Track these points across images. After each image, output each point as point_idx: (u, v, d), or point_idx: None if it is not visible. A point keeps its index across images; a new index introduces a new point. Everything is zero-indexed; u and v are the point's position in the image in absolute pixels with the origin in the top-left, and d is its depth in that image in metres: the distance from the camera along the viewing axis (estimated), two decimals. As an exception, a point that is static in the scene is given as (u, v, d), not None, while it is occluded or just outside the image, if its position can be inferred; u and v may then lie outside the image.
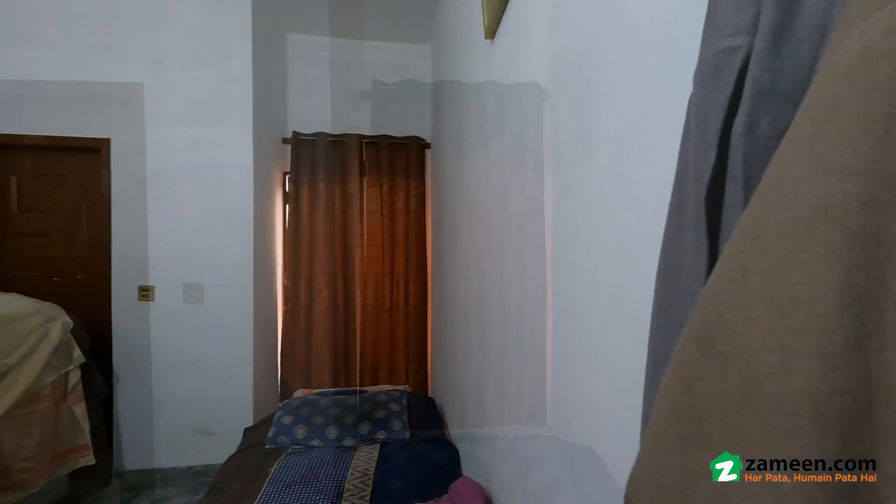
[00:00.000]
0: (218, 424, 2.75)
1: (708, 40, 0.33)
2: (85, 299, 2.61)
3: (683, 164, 0.35)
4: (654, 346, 0.38)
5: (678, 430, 0.29)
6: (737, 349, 0.25)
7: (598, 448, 0.75)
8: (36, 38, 2.54)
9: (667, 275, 0.37)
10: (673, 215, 0.37)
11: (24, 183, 2.62)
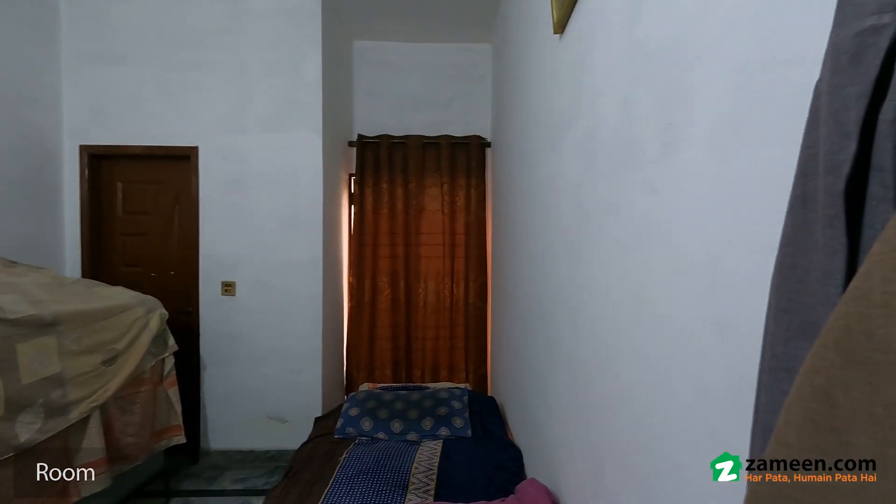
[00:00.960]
0: (291, 412, 2.92)
1: (844, 20, 0.30)
2: (177, 293, 2.88)
3: (811, 155, 0.33)
4: (773, 350, 0.35)
5: (814, 441, 0.27)
6: (893, 357, 0.23)
7: (685, 455, 0.71)
8: (135, 57, 2.83)
9: (788, 275, 0.34)
10: (796, 211, 0.34)
11: (128, 188, 2.94)
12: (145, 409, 2.23)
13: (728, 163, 0.61)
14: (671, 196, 0.76)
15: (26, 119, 2.59)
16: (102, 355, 1.99)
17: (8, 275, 1.95)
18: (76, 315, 1.89)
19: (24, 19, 2.57)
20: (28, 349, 1.66)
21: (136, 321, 2.21)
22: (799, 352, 0.33)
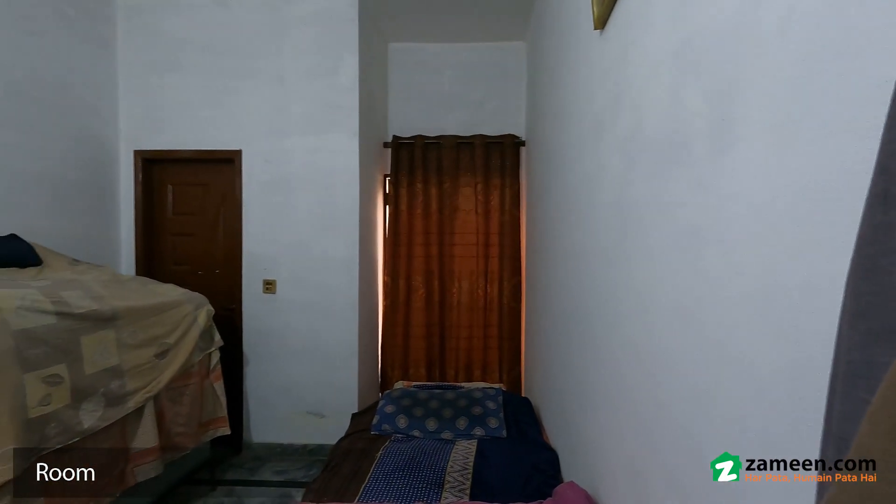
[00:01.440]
0: (328, 408, 2.99)
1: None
2: (222, 290, 3.00)
3: (893, 151, 0.31)
4: (849, 356, 0.33)
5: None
6: None
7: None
8: (183, 67, 2.98)
9: (867, 277, 0.32)
10: (874, 210, 0.32)
11: (177, 191, 3.09)
12: (193, 401, 2.34)
13: (789, 159, 0.59)
14: (725, 195, 0.73)
15: (88, 127, 2.77)
16: (155, 349, 2.10)
17: (72, 272, 2.09)
18: (132, 311, 2.00)
19: (86, 36, 2.75)
20: (91, 342, 1.78)
21: (186, 317, 2.32)
22: (879, 357, 0.32)
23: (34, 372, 1.54)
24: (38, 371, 1.56)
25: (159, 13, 2.98)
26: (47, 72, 2.51)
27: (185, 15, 2.97)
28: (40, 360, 1.57)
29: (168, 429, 2.17)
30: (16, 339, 1.50)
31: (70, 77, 2.64)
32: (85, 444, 1.72)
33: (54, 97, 2.55)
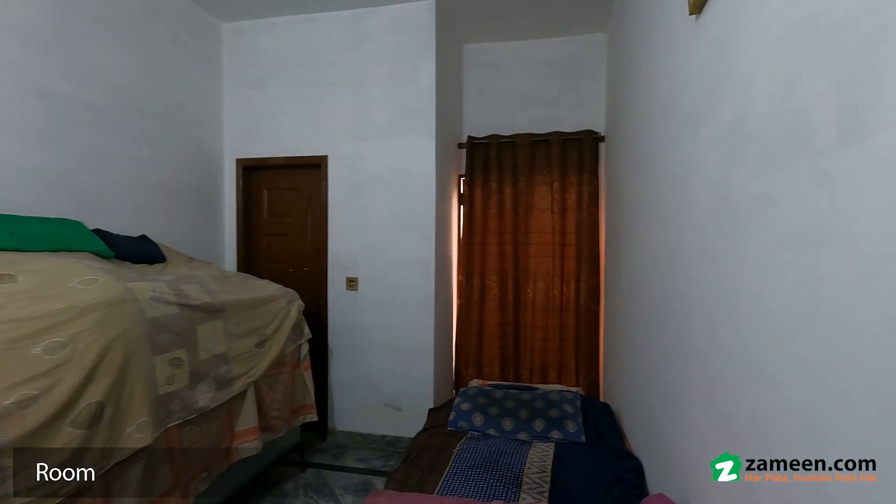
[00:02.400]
0: (405, 402, 3.10)
1: None
2: (310, 287, 3.23)
3: None
4: None
5: None
6: None
7: (862, 491, 0.61)
8: (276, 80, 3.24)
9: None
10: None
11: (272, 195, 3.37)
12: (286, 388, 2.54)
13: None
14: (854, 189, 0.65)
15: (198, 140, 3.12)
16: (255, 339, 2.31)
17: (189, 268, 2.37)
18: (237, 304, 2.22)
19: (197, 58, 3.10)
20: (204, 330, 2.00)
21: (280, 311, 2.52)
22: None
23: (162, 355, 1.77)
24: (164, 354, 1.78)
25: (256, 33, 3.27)
26: (167, 92, 2.86)
27: (277, 33, 3.23)
28: (166, 344, 1.80)
29: (265, 412, 2.38)
30: (149, 326, 1.73)
31: (184, 96, 2.99)
32: (200, 421, 1.94)
33: (172, 114, 2.90)
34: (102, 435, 1.51)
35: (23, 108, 2.11)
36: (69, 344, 1.47)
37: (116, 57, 2.54)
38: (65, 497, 1.38)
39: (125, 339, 1.62)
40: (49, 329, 1.45)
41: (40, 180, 2.18)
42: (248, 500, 2.48)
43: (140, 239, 2.40)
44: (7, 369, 1.32)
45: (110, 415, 1.54)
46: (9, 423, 1.26)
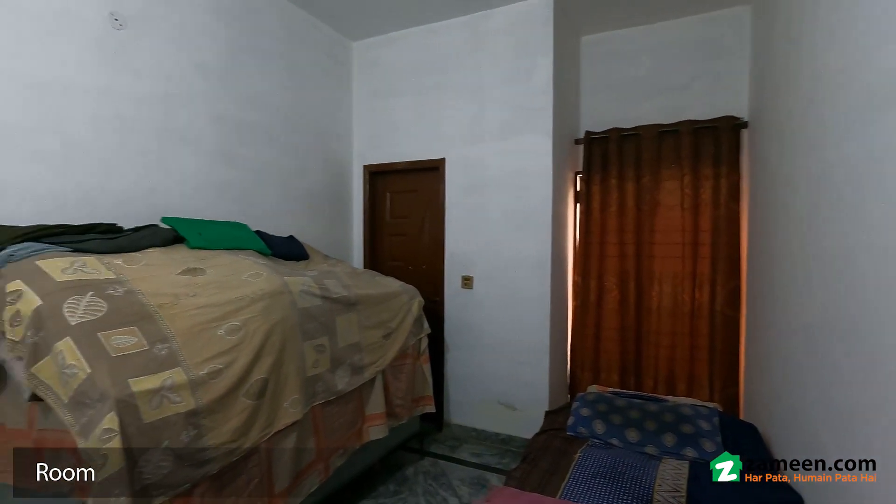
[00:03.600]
0: (519, 401, 3.09)
1: None
2: (427, 284, 3.39)
3: None
4: None
5: None
6: None
7: None
8: (397, 90, 3.45)
9: None
10: None
11: (394, 197, 3.62)
12: (408, 378, 2.70)
13: None
14: None
15: (331, 149, 3.46)
16: (382, 331, 2.50)
17: (327, 265, 2.65)
18: (368, 298, 2.43)
19: (332, 75, 3.45)
20: (342, 321, 2.22)
21: (403, 306, 2.69)
22: None
23: (309, 341, 2.01)
24: (311, 341, 2.02)
25: (380, 48, 3.53)
26: (309, 109, 3.23)
27: (399, 46, 3.45)
28: (313, 332, 2.04)
29: (391, 400, 2.55)
30: (300, 315, 1.97)
31: (322, 111, 3.35)
32: (338, 402, 2.16)
33: (313, 128, 3.27)
34: (266, 407, 1.76)
35: (204, 131, 2.55)
36: (243, 327, 1.74)
37: (271, 83, 2.94)
38: (240, 457, 1.64)
39: (283, 326, 1.87)
40: (229, 314, 1.73)
41: (215, 190, 2.62)
42: (375, 479, 2.69)
43: (289, 239, 2.75)
44: (201, 346, 1.61)
45: (272, 390, 1.79)
46: (203, 390, 1.54)
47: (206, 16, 2.52)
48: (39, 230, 1.73)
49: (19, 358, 1.43)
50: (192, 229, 2.14)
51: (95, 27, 2.05)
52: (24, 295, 1.45)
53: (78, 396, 1.34)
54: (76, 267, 1.59)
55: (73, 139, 1.99)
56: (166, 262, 1.86)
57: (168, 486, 1.41)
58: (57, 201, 1.94)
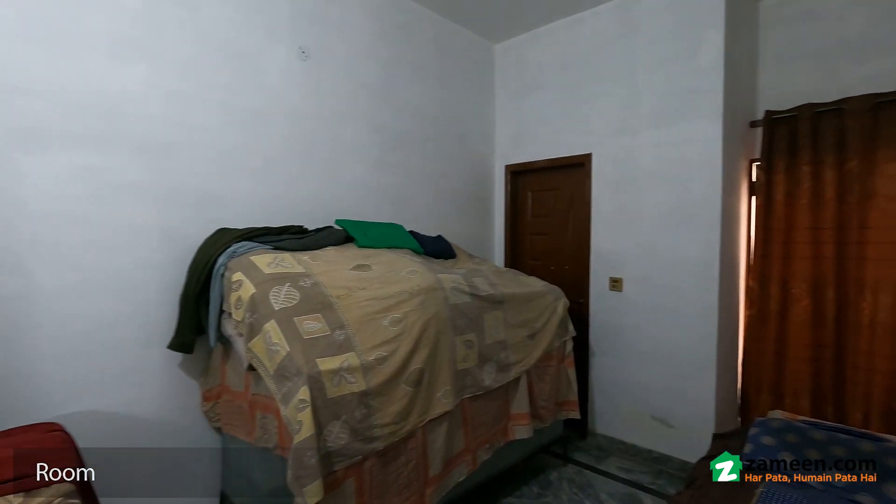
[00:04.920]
0: (676, 418, 2.78)
1: None
2: (570, 285, 3.26)
3: None
4: None
5: None
6: None
7: None
8: (540, 87, 3.39)
9: None
10: None
11: (535, 196, 3.57)
12: (552, 381, 2.63)
13: None
14: None
15: (475, 151, 3.57)
16: (527, 330, 2.48)
17: (474, 264, 2.74)
18: (513, 297, 2.43)
19: (475, 80, 3.55)
20: (489, 319, 2.27)
21: (548, 306, 2.64)
22: None
23: (460, 336, 2.09)
24: (461, 336, 2.10)
25: (523, 47, 3.51)
26: (454, 115, 3.38)
27: (543, 43, 3.38)
28: (462, 328, 2.12)
29: (535, 401, 2.52)
30: (451, 311, 2.07)
31: (466, 115, 3.47)
32: (485, 397, 2.20)
33: (458, 132, 3.41)
34: (422, 395, 1.88)
35: (365, 141, 2.84)
36: (403, 319, 1.89)
37: (421, 93, 3.15)
38: (401, 438, 1.78)
39: (437, 320, 1.98)
40: (392, 307, 1.90)
41: (374, 194, 2.90)
42: (518, 478, 2.69)
43: (438, 238, 2.91)
44: (369, 334, 1.79)
45: (427, 380, 1.91)
46: (371, 374, 1.71)
47: (369, 40, 2.82)
48: (250, 232, 2.12)
49: (240, 334, 1.78)
50: (360, 230, 2.40)
51: (288, 61, 2.44)
52: (244, 284, 1.79)
53: (280, 370, 1.60)
54: (277, 262, 1.91)
55: (270, 156, 2.40)
56: (341, 259, 2.12)
57: (345, 455, 1.60)
58: (258, 208, 2.36)
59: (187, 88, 2.09)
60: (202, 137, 2.14)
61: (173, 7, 2.04)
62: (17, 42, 1.66)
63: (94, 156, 1.84)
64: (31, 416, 1.68)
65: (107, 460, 1.66)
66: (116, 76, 1.88)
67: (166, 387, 2.06)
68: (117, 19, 1.88)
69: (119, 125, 1.90)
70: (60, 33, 1.75)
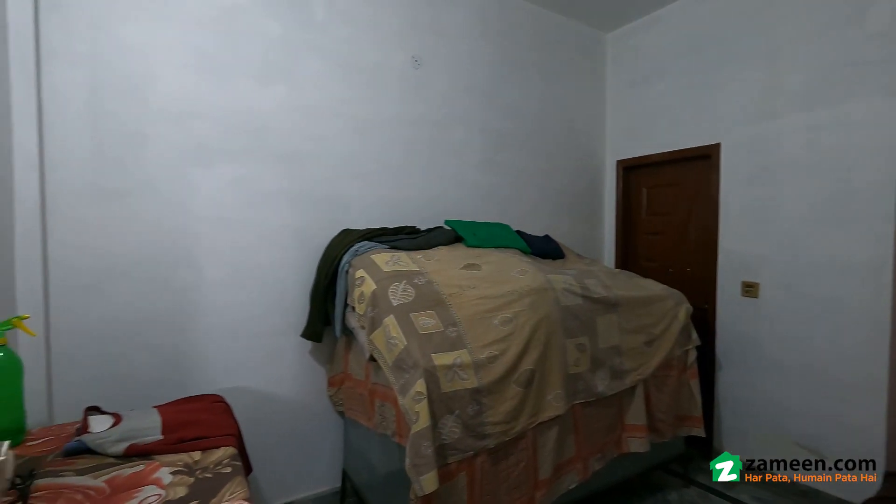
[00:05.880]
0: (831, 448, 2.38)
1: None
2: (693, 289, 2.96)
3: None
4: None
5: None
6: None
7: None
8: (658, 75, 3.14)
9: None
10: None
11: (650, 193, 3.32)
12: (672, 393, 2.42)
13: None
14: None
15: (582, 147, 3.42)
16: (644, 337, 2.31)
17: (584, 264, 2.63)
18: (629, 300, 2.29)
19: (584, 73, 3.41)
20: (602, 322, 2.16)
21: (668, 311, 2.43)
22: None
23: (571, 339, 2.03)
24: (573, 339, 2.03)
25: (638, 34, 3.28)
26: (561, 112, 3.29)
27: (661, 27, 3.13)
28: (574, 330, 2.05)
29: (652, 413, 2.34)
30: (562, 313, 2.01)
31: (574, 111, 3.35)
32: (597, 405, 2.10)
33: (565, 130, 3.31)
34: (532, 396, 1.86)
35: (472, 143, 2.89)
36: (514, 319, 1.89)
37: (526, 91, 3.11)
38: (511, 438, 1.78)
39: (547, 321, 1.94)
40: (502, 306, 1.90)
41: (481, 194, 2.93)
42: (632, 494, 2.52)
43: (545, 238, 2.85)
44: (480, 332, 1.82)
45: (538, 381, 1.88)
46: (483, 372, 1.74)
47: (475, 42, 2.86)
48: (369, 232, 2.28)
49: (362, 327, 1.92)
50: (468, 230, 2.45)
51: (401, 71, 2.58)
52: (366, 281, 1.94)
53: (398, 362, 1.70)
54: (394, 260, 2.03)
55: (386, 161, 2.55)
56: (451, 258, 2.18)
57: (457, 449, 1.64)
58: (376, 209, 2.53)
59: (315, 103, 2.31)
60: (327, 146, 2.36)
61: (305, 31, 2.27)
62: (191, 74, 2.00)
63: (244, 167, 2.13)
64: (198, 389, 2.01)
65: (251, 430, 1.91)
66: (261, 97, 2.16)
67: (299, 371, 2.31)
68: (263, 46, 2.16)
69: (262, 140, 2.17)
70: (221, 64, 2.06)
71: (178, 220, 1.99)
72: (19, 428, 1.33)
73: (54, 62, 1.74)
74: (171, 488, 1.08)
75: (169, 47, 1.95)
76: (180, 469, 1.18)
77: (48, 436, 1.40)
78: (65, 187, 1.78)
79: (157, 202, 1.94)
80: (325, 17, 2.33)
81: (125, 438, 1.29)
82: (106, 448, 1.25)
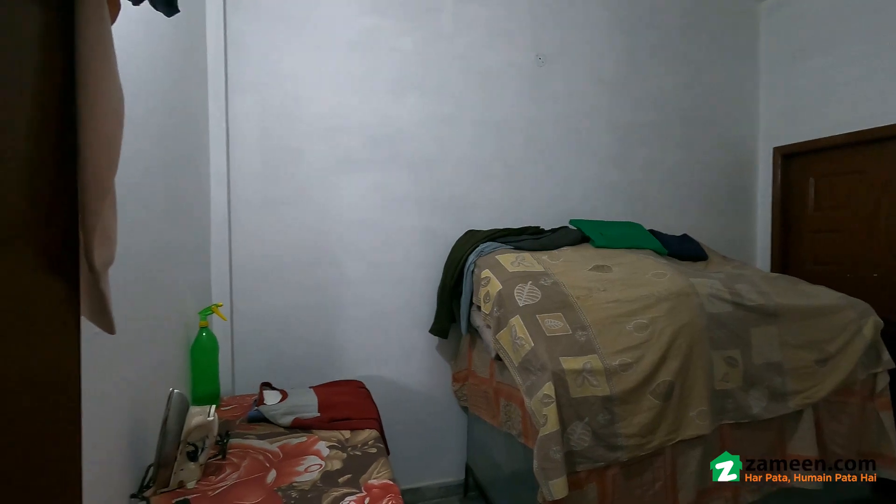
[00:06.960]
0: None
1: None
2: (882, 299, 2.43)
3: None
4: None
5: None
6: None
7: None
8: (831, 45, 2.63)
9: None
10: None
11: (820, 183, 2.80)
12: (853, 423, 2.01)
13: None
14: None
15: (727, 135, 3.03)
16: (815, 354, 1.96)
17: (733, 267, 2.33)
18: (792, 309, 1.96)
19: (729, 50, 3.00)
20: (758, 334, 1.89)
21: (848, 325, 2.02)
22: None
23: (718, 351, 1.81)
24: (720, 351, 1.81)
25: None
26: (702, 97, 2.95)
27: (836, -17, 2.62)
28: (722, 341, 1.82)
29: (825, 445, 1.97)
30: (707, 321, 1.81)
31: (717, 96, 2.98)
32: (751, 427, 1.84)
33: (706, 117, 2.96)
34: (672, 411, 1.70)
35: (601, 138, 2.74)
36: (650, 325, 1.75)
37: (664, 79, 2.85)
38: (646, 453, 1.65)
39: (690, 329, 1.76)
40: (636, 311, 1.78)
41: (610, 191, 2.77)
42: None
43: (683, 237, 2.59)
44: (612, 338, 1.72)
45: (678, 395, 1.71)
46: (615, 379, 1.64)
47: (605, 33, 2.71)
48: (494, 232, 2.31)
49: (488, 326, 1.96)
50: (595, 230, 2.34)
51: (526, 70, 2.56)
52: (491, 281, 1.97)
53: (524, 363, 1.69)
54: (519, 261, 2.03)
55: (509, 162, 2.56)
56: (578, 259, 2.11)
57: (587, 458, 1.58)
58: (499, 210, 2.55)
59: (443, 109, 2.42)
60: (454, 150, 2.45)
61: (434, 41, 2.40)
62: (338, 93, 2.24)
63: (381, 174, 2.32)
64: (341, 375, 2.25)
65: (384, 417, 2.07)
66: (396, 108, 2.34)
67: (427, 364, 2.44)
68: (397, 61, 2.33)
69: (397, 148, 2.34)
70: (362, 80, 2.28)
71: (326, 223, 2.25)
72: (216, 394, 1.63)
73: (236, 93, 2.10)
74: (328, 461, 1.23)
75: (320, 71, 2.22)
76: (335, 445, 1.33)
77: (234, 404, 1.69)
78: (242, 199, 2.13)
79: (310, 208, 2.22)
80: (453, 29, 2.43)
81: (291, 412, 1.50)
82: (277, 419, 1.46)
